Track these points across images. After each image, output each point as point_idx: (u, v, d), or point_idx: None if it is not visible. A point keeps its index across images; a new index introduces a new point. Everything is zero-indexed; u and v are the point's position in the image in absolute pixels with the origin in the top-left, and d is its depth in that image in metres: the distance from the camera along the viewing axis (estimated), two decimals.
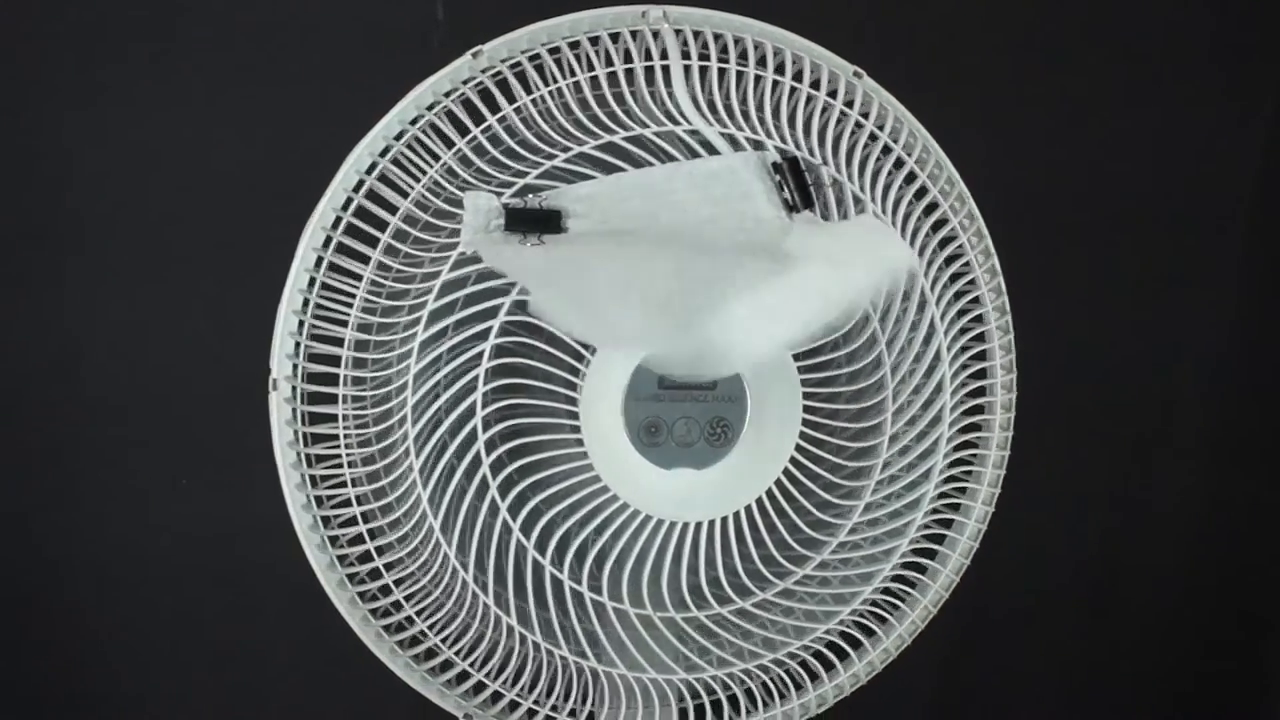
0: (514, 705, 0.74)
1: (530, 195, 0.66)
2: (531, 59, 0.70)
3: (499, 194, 0.66)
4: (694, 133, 0.69)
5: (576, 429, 0.69)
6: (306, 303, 0.70)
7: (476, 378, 0.67)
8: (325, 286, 0.69)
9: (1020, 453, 0.77)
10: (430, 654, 0.73)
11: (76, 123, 0.90)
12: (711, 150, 0.68)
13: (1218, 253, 1.04)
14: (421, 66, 0.71)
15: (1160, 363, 1.04)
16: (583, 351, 0.68)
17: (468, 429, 0.67)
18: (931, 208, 0.74)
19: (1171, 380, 1.05)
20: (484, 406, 0.67)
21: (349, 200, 0.69)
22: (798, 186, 0.69)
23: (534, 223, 0.66)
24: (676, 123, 0.69)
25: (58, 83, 0.90)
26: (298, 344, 0.69)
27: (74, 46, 0.89)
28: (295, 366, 0.70)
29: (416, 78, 0.71)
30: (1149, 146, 1.02)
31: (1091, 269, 1.02)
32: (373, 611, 0.72)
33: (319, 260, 0.69)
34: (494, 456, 0.68)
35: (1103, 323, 1.03)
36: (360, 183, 0.69)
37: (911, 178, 0.74)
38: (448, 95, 0.70)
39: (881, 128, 0.74)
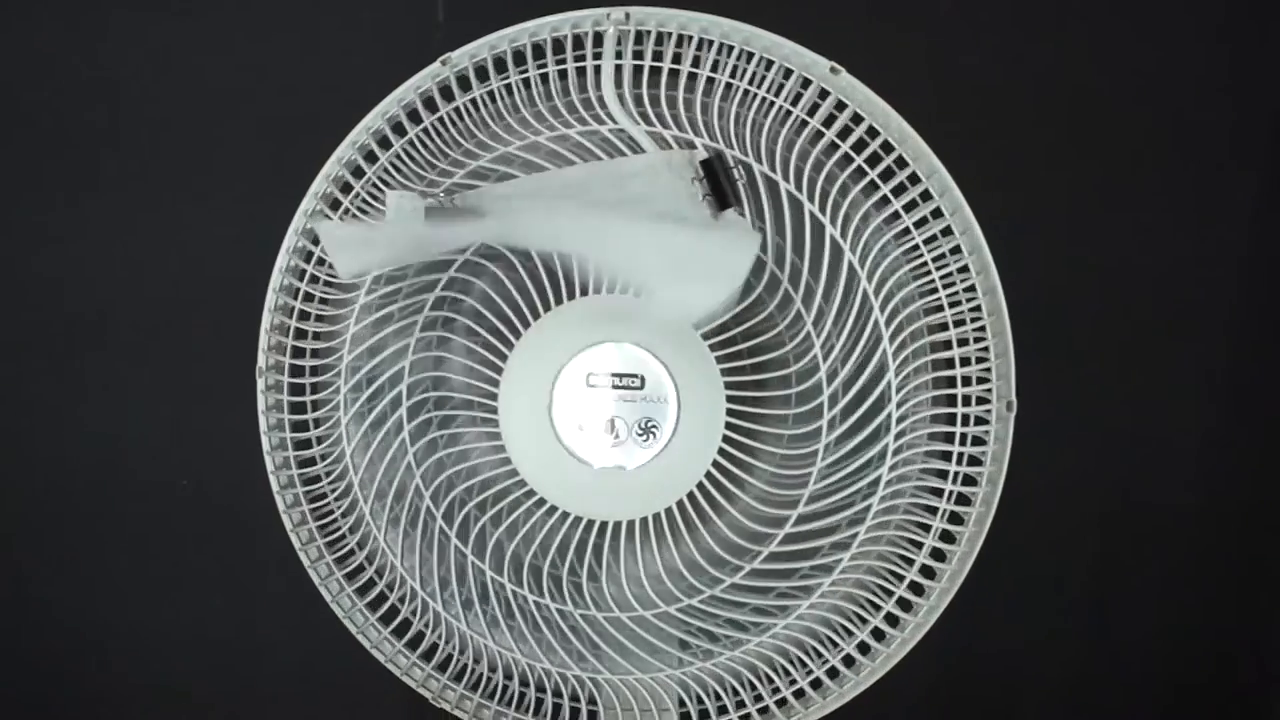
0: None
1: (450, 195, 0.69)
2: (497, 63, 0.73)
3: (425, 193, 0.70)
4: (621, 132, 0.69)
5: (495, 421, 0.71)
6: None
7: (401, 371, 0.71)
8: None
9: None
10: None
11: None
12: (638, 150, 0.69)
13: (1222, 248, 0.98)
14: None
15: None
16: (502, 349, 0.70)
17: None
18: (910, 204, 0.72)
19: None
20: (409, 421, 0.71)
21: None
22: (725, 184, 0.68)
23: None
24: (603, 123, 0.70)
25: None
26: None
27: None
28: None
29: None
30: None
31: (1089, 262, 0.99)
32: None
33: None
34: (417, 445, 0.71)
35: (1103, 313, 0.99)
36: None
37: (889, 174, 0.71)
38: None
39: (858, 122, 0.71)
